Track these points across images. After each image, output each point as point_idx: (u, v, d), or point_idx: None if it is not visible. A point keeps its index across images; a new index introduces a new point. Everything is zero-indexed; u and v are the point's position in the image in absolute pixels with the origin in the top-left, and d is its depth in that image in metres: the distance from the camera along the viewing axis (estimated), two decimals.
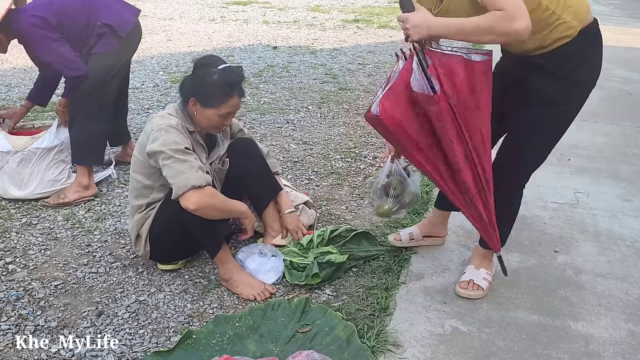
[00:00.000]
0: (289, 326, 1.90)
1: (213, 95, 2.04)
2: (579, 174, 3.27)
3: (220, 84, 2.04)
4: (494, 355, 1.83)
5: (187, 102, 2.09)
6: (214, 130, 2.18)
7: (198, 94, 2.06)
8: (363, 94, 4.80)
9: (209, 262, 2.31)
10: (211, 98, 2.05)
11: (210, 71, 2.05)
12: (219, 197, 2.04)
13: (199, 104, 2.06)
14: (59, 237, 2.49)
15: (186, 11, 8.96)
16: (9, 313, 1.98)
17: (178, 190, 1.93)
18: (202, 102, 2.06)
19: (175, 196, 1.95)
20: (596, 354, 1.85)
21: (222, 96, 2.04)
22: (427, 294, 2.12)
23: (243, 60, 5.90)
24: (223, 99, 2.04)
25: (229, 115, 2.11)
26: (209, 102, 2.05)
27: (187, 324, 1.96)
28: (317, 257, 2.22)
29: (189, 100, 2.08)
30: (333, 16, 8.96)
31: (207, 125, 2.12)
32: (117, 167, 3.06)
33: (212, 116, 2.07)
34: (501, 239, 1.97)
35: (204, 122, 2.11)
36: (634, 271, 2.31)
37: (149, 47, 6.35)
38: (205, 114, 2.07)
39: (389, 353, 1.81)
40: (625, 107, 4.64)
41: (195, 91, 2.08)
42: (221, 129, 2.21)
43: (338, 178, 3.14)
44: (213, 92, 2.04)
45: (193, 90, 2.09)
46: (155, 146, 1.99)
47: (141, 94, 4.65)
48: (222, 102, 2.05)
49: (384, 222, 2.63)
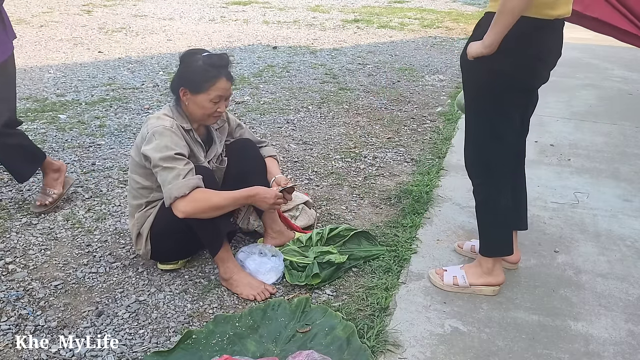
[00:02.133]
0: (289, 326, 1.90)
1: (200, 80, 2.06)
2: (579, 174, 3.27)
3: (205, 69, 2.06)
4: (494, 355, 1.83)
5: (179, 96, 2.11)
6: (210, 120, 2.17)
7: (186, 82, 2.09)
8: (363, 94, 4.80)
9: (209, 262, 2.31)
10: (199, 83, 2.06)
11: (194, 58, 2.09)
12: (211, 198, 2.01)
13: (189, 92, 2.09)
14: (59, 237, 2.49)
15: (186, 11, 8.96)
16: (9, 313, 1.98)
17: (166, 201, 1.99)
18: (191, 89, 2.08)
19: (167, 206, 2.00)
20: (596, 354, 1.85)
21: (210, 79, 2.06)
22: (427, 294, 2.12)
23: (243, 60, 5.91)
24: (210, 82, 2.06)
25: (220, 99, 2.10)
26: (198, 87, 2.07)
27: (187, 324, 1.96)
28: (317, 257, 2.22)
29: (179, 91, 2.10)
30: (333, 16, 8.96)
31: (202, 114, 2.12)
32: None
33: (203, 102, 2.08)
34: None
35: (198, 112, 2.11)
36: (634, 271, 2.31)
37: (149, 47, 6.35)
38: (196, 101, 2.09)
39: (389, 353, 1.81)
40: (625, 107, 4.64)
41: (183, 81, 2.10)
42: (217, 118, 2.18)
43: (338, 178, 3.14)
44: (200, 77, 2.07)
45: (181, 80, 2.11)
46: (148, 150, 2.02)
47: (141, 94, 4.66)
48: (210, 85, 2.06)
49: (384, 222, 2.64)
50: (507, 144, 1.98)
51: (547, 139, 3.76)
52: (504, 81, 1.83)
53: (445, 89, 5.06)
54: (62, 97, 4.46)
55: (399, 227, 2.57)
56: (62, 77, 5.03)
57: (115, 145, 3.53)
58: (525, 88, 1.91)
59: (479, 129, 1.99)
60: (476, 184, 2.08)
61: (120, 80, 5.03)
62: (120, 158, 3.33)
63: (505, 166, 2.03)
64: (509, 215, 2.07)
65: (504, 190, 2.04)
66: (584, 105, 4.64)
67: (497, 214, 2.04)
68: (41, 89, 4.64)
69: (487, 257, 2.09)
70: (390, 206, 2.82)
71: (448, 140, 3.69)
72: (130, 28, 7.42)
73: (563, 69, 5.10)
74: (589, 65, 5.86)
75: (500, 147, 1.98)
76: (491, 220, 2.06)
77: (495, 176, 2.02)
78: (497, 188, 2.03)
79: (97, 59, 5.79)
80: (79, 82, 4.90)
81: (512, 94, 1.88)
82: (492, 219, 2.06)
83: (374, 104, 4.53)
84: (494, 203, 2.04)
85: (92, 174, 3.11)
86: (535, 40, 1.78)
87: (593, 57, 6.51)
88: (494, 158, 2.00)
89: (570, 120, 4.21)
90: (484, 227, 2.09)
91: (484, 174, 2.04)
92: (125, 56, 5.93)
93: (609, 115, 4.38)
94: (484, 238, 2.10)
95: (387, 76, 5.45)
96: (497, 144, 1.97)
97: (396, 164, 3.35)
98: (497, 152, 1.99)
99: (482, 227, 2.09)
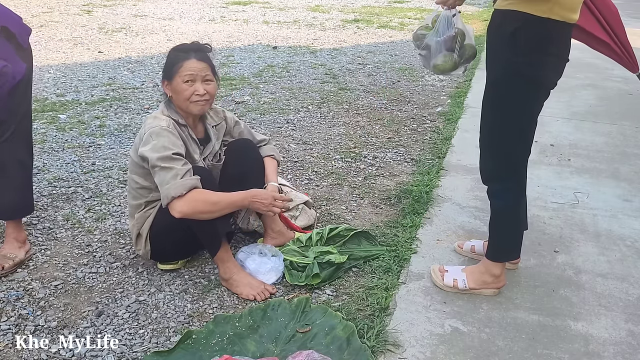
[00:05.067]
0: (289, 326, 1.90)
1: (171, 65, 2.14)
2: (579, 174, 3.27)
3: (175, 55, 2.16)
4: (494, 355, 1.83)
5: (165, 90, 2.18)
6: (194, 107, 2.13)
7: (164, 74, 2.17)
8: (363, 94, 4.80)
9: (209, 262, 2.31)
10: (171, 69, 2.13)
11: (170, 50, 2.20)
12: (208, 198, 2.01)
13: (167, 81, 2.15)
14: (59, 237, 2.49)
15: (186, 11, 8.96)
16: (9, 313, 1.98)
17: (163, 201, 1.99)
18: (167, 78, 2.15)
19: (164, 207, 2.00)
20: (596, 354, 1.85)
21: (178, 61, 2.12)
22: (427, 294, 2.12)
23: (243, 60, 5.90)
24: (179, 63, 2.11)
25: (193, 78, 2.10)
26: (171, 73, 2.13)
27: (187, 324, 1.96)
28: (317, 257, 2.22)
29: (163, 86, 2.18)
30: (333, 16, 8.96)
31: (182, 100, 2.12)
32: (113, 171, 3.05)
33: (178, 86, 2.11)
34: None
35: (179, 100, 2.13)
36: (634, 271, 2.31)
37: (149, 47, 6.35)
38: (174, 89, 2.13)
39: (389, 353, 1.81)
40: (625, 107, 4.64)
41: (163, 73, 2.19)
42: (201, 105, 2.13)
43: (338, 178, 3.14)
44: (170, 63, 2.14)
45: (162, 75, 2.20)
46: (145, 151, 2.03)
47: (141, 94, 4.66)
48: (179, 67, 2.11)
49: (384, 222, 2.63)
50: (531, 142, 1.99)
51: (547, 139, 3.76)
52: (531, 81, 1.84)
53: (445, 89, 5.06)
54: (62, 97, 4.46)
55: (399, 227, 2.57)
56: (62, 77, 5.03)
57: (115, 145, 3.53)
58: (548, 86, 1.92)
59: (506, 129, 1.95)
60: (497, 189, 2.04)
61: (120, 80, 5.03)
62: (120, 158, 3.33)
63: (525, 166, 2.04)
64: (523, 217, 2.07)
65: (524, 191, 2.05)
66: (584, 105, 4.64)
67: (518, 218, 2.04)
68: (41, 89, 4.63)
69: (496, 263, 2.08)
70: (390, 206, 2.82)
71: (448, 140, 3.69)
72: (130, 28, 7.41)
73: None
74: (589, 65, 5.86)
75: (525, 147, 1.98)
76: (512, 224, 2.05)
77: (519, 178, 2.02)
78: (520, 190, 2.04)
79: (97, 59, 5.79)
80: (79, 82, 4.90)
81: (537, 92, 1.89)
82: (512, 223, 2.05)
83: (374, 104, 4.53)
84: (517, 206, 2.03)
85: (92, 174, 3.11)
86: (560, 40, 1.82)
87: (593, 57, 6.48)
88: (521, 159, 2.00)
89: (570, 120, 4.21)
90: (502, 233, 2.07)
91: (510, 177, 2.01)
92: (125, 56, 5.93)
93: (609, 115, 4.38)
94: (498, 243, 2.08)
95: (387, 76, 5.45)
96: (523, 144, 1.97)
97: (396, 164, 3.35)
98: (523, 153, 1.99)
99: (500, 232, 2.07)
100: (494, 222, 2.08)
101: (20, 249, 2.30)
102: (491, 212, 2.08)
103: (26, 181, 2.37)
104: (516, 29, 1.78)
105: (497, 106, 1.94)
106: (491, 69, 1.93)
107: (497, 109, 1.94)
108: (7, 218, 2.34)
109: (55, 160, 3.27)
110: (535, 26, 1.75)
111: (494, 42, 1.89)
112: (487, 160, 2.05)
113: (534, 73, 1.82)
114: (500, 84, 1.90)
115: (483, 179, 2.09)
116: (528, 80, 1.83)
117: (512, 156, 1.98)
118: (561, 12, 1.74)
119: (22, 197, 2.34)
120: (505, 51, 1.83)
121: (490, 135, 1.99)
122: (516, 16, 1.77)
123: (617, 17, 2.03)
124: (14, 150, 2.26)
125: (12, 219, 2.33)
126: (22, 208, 2.37)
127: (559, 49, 1.83)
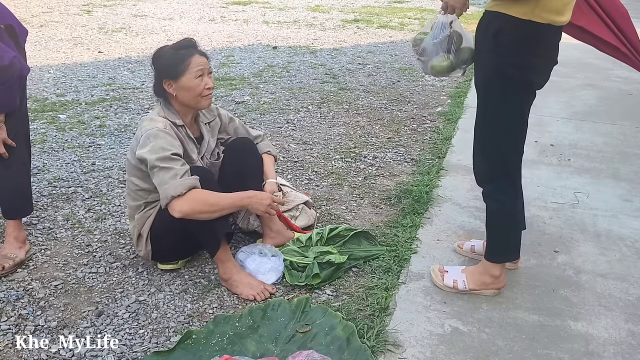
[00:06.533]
0: (289, 326, 1.90)
1: (176, 64, 2.10)
2: (579, 174, 3.27)
3: (176, 53, 2.12)
4: (494, 355, 1.83)
5: (164, 91, 2.14)
6: (204, 101, 2.15)
7: (166, 74, 2.12)
8: (363, 94, 4.80)
9: (209, 262, 2.31)
10: (177, 67, 2.09)
11: (162, 52, 2.15)
12: (208, 198, 2.00)
13: (172, 81, 2.11)
14: (59, 237, 2.49)
15: (186, 11, 8.96)
16: (9, 313, 1.98)
17: (163, 201, 1.98)
18: (172, 77, 2.10)
19: (163, 207, 2.00)
20: (596, 354, 1.85)
21: (184, 59, 2.09)
22: (427, 294, 2.12)
23: (243, 60, 5.90)
24: (186, 60, 2.09)
25: (203, 73, 2.11)
26: (177, 71, 2.09)
27: (187, 324, 1.96)
28: (317, 257, 2.22)
29: (164, 86, 2.13)
30: (333, 16, 8.96)
31: (193, 96, 2.12)
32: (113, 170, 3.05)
33: (189, 83, 2.09)
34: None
35: (189, 96, 2.11)
36: (634, 271, 2.31)
37: (149, 47, 6.35)
38: (182, 86, 2.10)
39: (389, 353, 1.81)
40: (625, 107, 4.64)
41: (162, 74, 2.13)
42: (209, 98, 2.16)
43: (338, 178, 3.14)
44: (175, 62, 2.10)
45: (160, 75, 2.14)
46: (143, 152, 2.02)
47: (141, 94, 4.66)
48: (188, 64, 2.09)
49: (384, 222, 2.64)
50: (521, 143, 1.99)
51: (547, 139, 3.76)
52: (515, 82, 1.84)
53: (445, 89, 5.06)
54: (62, 97, 4.46)
55: (399, 227, 2.57)
56: (62, 77, 5.03)
57: (115, 145, 3.53)
58: (534, 87, 1.92)
59: (494, 131, 1.95)
60: (490, 190, 2.04)
61: (120, 80, 5.03)
62: (120, 158, 3.33)
63: (519, 167, 2.04)
64: (520, 218, 2.07)
65: (519, 192, 2.05)
66: (584, 105, 4.64)
67: (514, 219, 2.04)
68: (41, 89, 4.64)
69: (495, 263, 2.08)
70: (390, 206, 2.82)
71: (448, 140, 3.69)
72: (130, 28, 7.41)
73: (563, 69, 5.10)
74: (589, 65, 5.86)
75: (516, 148, 1.98)
76: (507, 225, 2.05)
77: (512, 179, 2.02)
78: (514, 191, 2.03)
79: (97, 59, 5.78)
80: (79, 82, 4.90)
81: (522, 93, 1.89)
82: (508, 224, 2.05)
83: (374, 104, 4.53)
84: (511, 208, 2.03)
85: (92, 174, 3.11)
86: (544, 42, 1.81)
87: (593, 57, 6.49)
88: (512, 160, 2.00)
89: (570, 120, 4.21)
90: (498, 234, 2.07)
91: (502, 179, 2.01)
92: (125, 56, 5.93)
93: (609, 115, 4.38)
94: (496, 244, 2.08)
95: (387, 76, 5.45)
96: (513, 145, 1.97)
97: (396, 164, 3.35)
98: (514, 154, 1.99)
99: (495, 233, 2.07)
100: (490, 223, 2.08)
101: (20, 249, 2.31)
102: (486, 214, 2.08)
103: (26, 181, 2.40)
104: (498, 30, 1.80)
105: (484, 107, 1.96)
106: (479, 70, 1.94)
107: (484, 110, 1.96)
108: (8, 218, 2.35)
109: (55, 160, 3.27)
110: (518, 28, 1.76)
111: (481, 43, 1.90)
112: (479, 162, 2.06)
113: (518, 74, 1.82)
114: (487, 85, 1.91)
115: (477, 181, 2.10)
116: (512, 81, 1.84)
117: (503, 157, 1.99)
118: (543, 14, 1.73)
119: (22, 197, 2.37)
120: (490, 52, 1.85)
121: (481, 136, 2.01)
122: (499, 17, 1.79)
123: (627, 17, 2.01)
124: (17, 150, 2.28)
125: (13, 219, 2.35)
126: (22, 208, 2.39)
127: (544, 50, 1.83)
